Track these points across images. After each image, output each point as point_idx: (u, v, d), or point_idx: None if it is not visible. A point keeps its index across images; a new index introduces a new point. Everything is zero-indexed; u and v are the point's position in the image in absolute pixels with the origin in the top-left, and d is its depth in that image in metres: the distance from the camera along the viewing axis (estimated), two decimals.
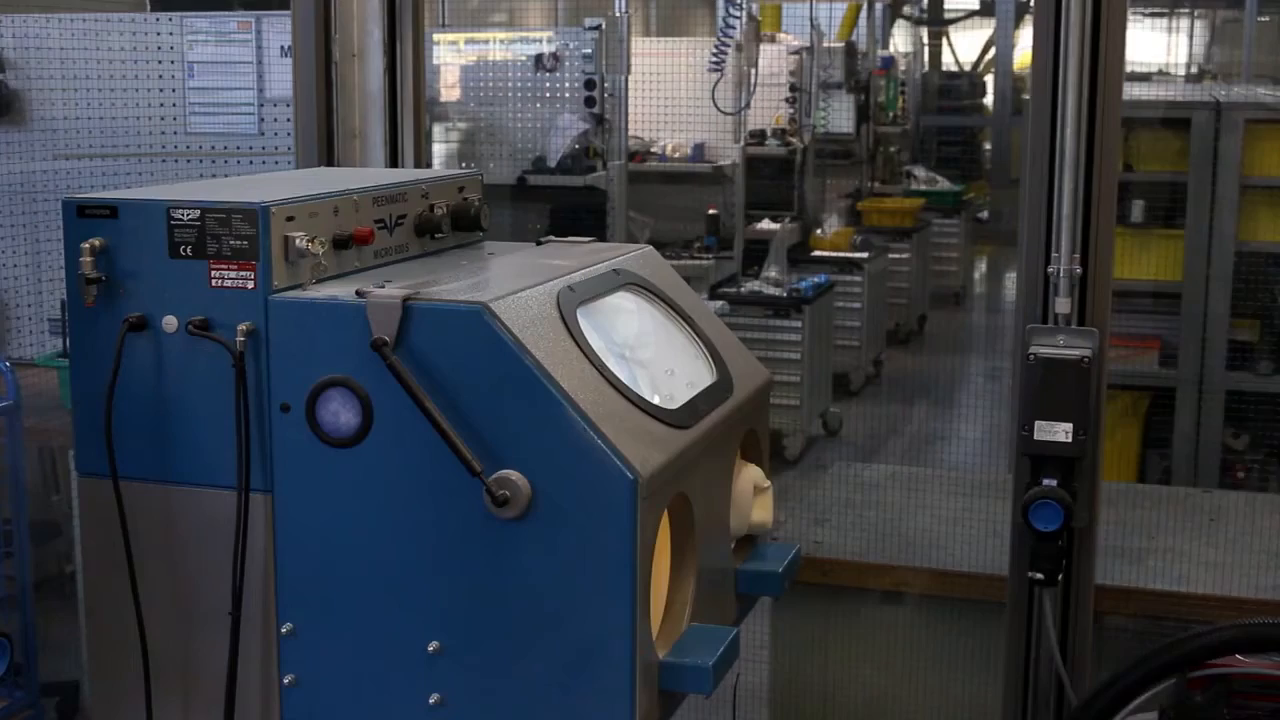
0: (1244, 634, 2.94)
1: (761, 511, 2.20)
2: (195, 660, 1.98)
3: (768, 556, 2.26)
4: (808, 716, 3.73)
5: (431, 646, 1.87)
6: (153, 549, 1.98)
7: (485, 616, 1.85)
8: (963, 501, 3.88)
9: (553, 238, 2.40)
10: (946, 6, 15.83)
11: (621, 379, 1.92)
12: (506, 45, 7.60)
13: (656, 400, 1.97)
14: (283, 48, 4.67)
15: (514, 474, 1.79)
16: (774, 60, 9.33)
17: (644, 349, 2.13)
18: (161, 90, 4.85)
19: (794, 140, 9.46)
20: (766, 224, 9.06)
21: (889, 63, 12.41)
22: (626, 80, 7.22)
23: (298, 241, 1.91)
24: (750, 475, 2.20)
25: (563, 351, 1.86)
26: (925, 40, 16.07)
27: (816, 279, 7.82)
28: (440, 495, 1.84)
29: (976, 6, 15.58)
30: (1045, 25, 2.95)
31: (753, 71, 8.43)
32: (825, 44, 10.02)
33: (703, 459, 2.01)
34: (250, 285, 1.89)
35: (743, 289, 7.63)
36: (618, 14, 7.19)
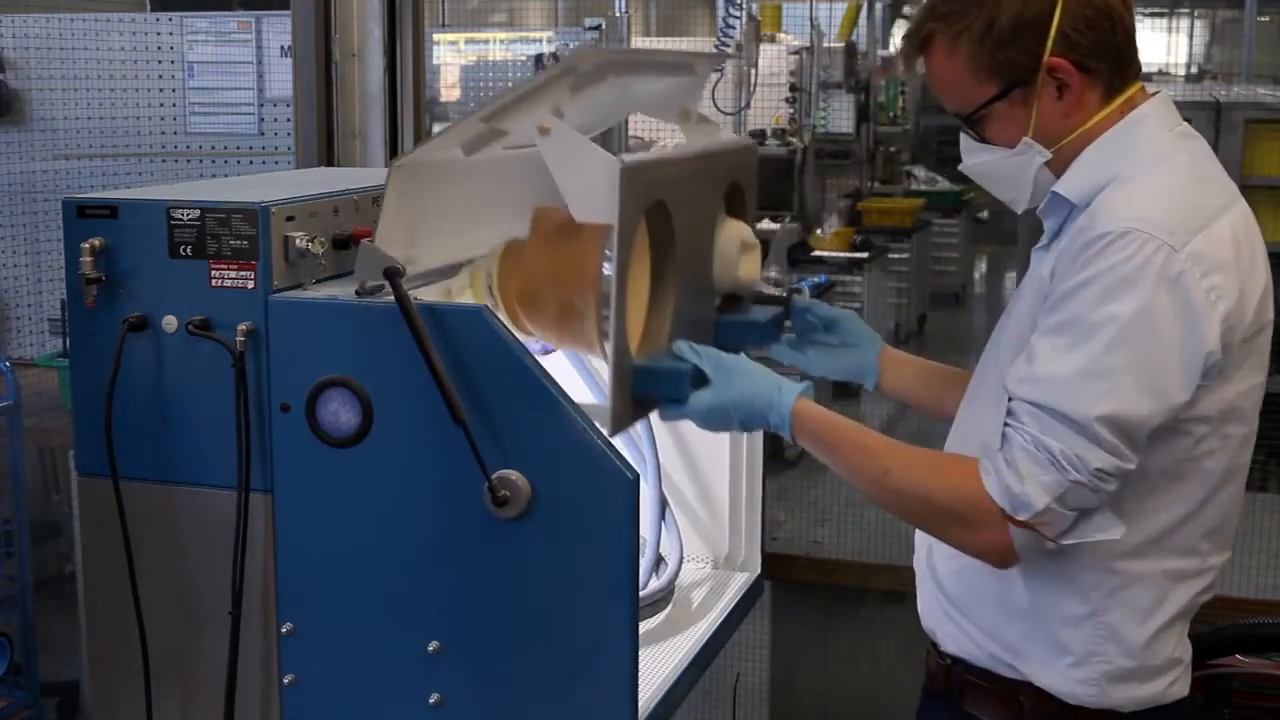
0: (1244, 634, 2.95)
1: (748, 268, 2.20)
2: (195, 660, 1.98)
3: (753, 311, 2.26)
4: (808, 716, 3.74)
5: (431, 646, 1.87)
6: (153, 549, 1.98)
7: (485, 616, 1.85)
8: None
9: None
10: None
11: None
12: (506, 45, 7.60)
13: None
14: (283, 48, 4.67)
15: (514, 474, 1.79)
16: (774, 60, 9.33)
17: None
18: (161, 90, 4.85)
19: (794, 140, 9.46)
20: (766, 224, 9.06)
21: (889, 63, 12.41)
22: None
23: (298, 241, 1.91)
24: (736, 229, 2.20)
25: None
26: None
27: (816, 279, 7.82)
28: (440, 495, 1.84)
29: None
30: None
31: (753, 71, 8.43)
32: (825, 44, 10.02)
33: (685, 182, 2.02)
34: (250, 285, 1.89)
35: None
36: (618, 14, 7.19)
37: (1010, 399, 1.81)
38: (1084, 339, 1.75)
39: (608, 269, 1.86)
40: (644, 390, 1.92)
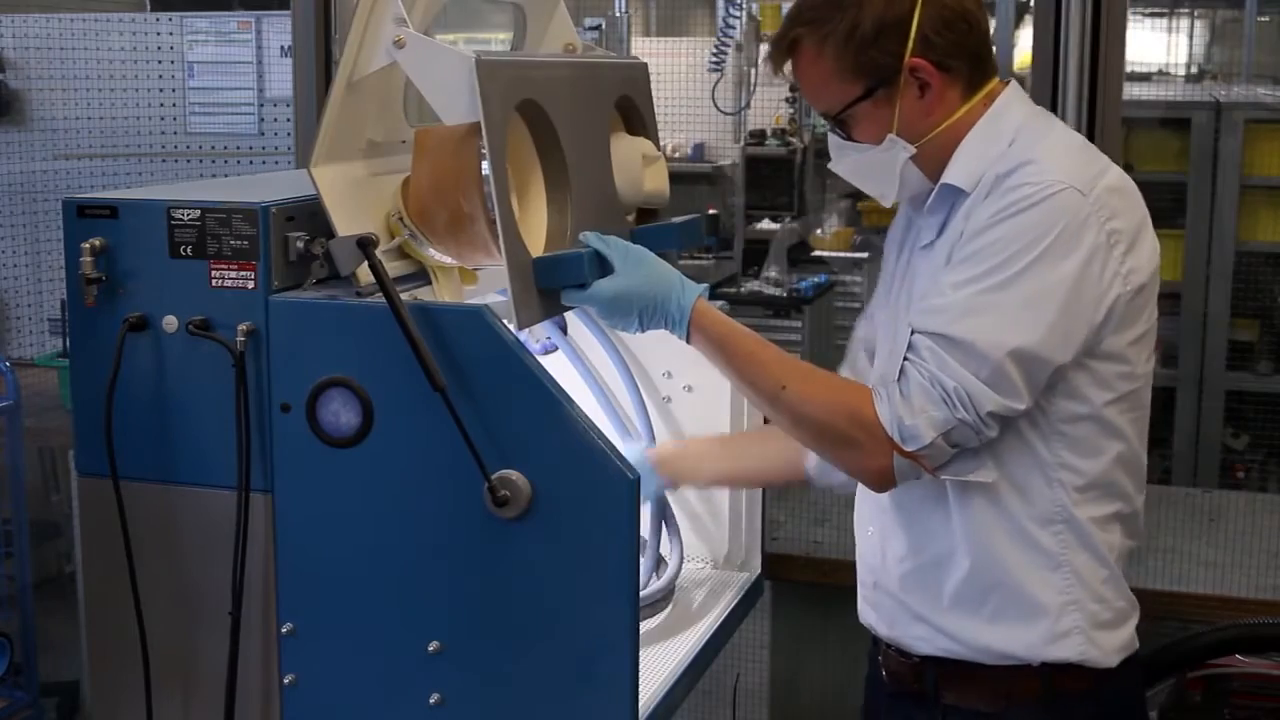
0: (1244, 634, 2.95)
1: (654, 181, 2.22)
2: (195, 660, 1.98)
3: (669, 230, 2.26)
4: (808, 716, 3.73)
5: (431, 646, 1.87)
6: (153, 549, 1.98)
7: (485, 616, 1.85)
8: None
9: None
10: None
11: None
12: (506, 45, 7.59)
13: None
14: (283, 48, 4.67)
15: (514, 474, 1.79)
16: None
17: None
18: (161, 90, 4.85)
19: (794, 140, 9.46)
20: (766, 224, 9.05)
21: None
22: None
23: (298, 241, 1.91)
24: (637, 144, 2.23)
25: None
26: None
27: (816, 279, 7.82)
28: (440, 495, 1.84)
29: None
30: (1045, 25, 2.95)
31: (753, 71, 8.42)
32: None
33: (560, 85, 2.05)
34: (250, 285, 1.89)
35: (743, 289, 7.62)
36: (618, 14, 7.19)
37: (913, 332, 1.88)
38: (993, 272, 1.84)
39: (486, 168, 1.88)
40: (547, 281, 1.93)
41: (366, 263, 1.85)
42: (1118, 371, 1.93)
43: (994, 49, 2.04)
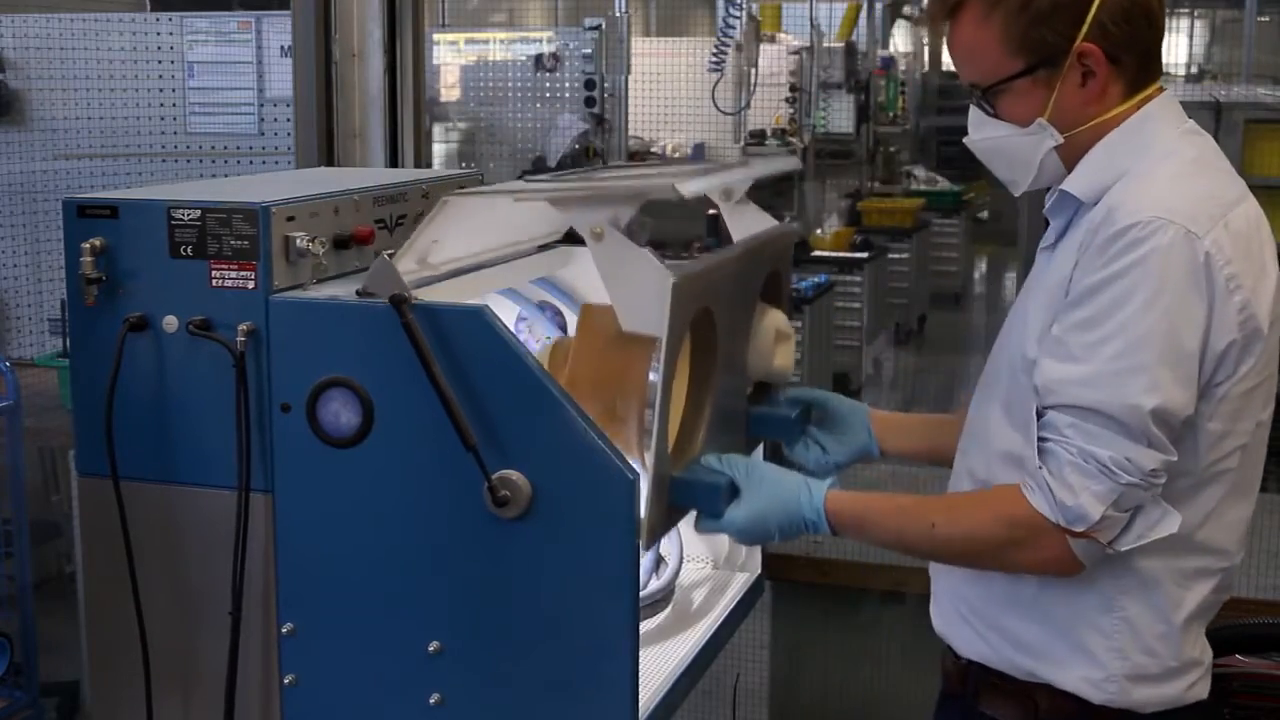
0: (1244, 634, 2.94)
1: (782, 358, 2.20)
2: (195, 660, 1.98)
3: (782, 403, 2.25)
4: (807, 716, 3.74)
5: (431, 646, 1.87)
6: (153, 549, 1.98)
7: (485, 616, 1.85)
8: None
9: None
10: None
11: None
12: (506, 45, 7.60)
13: None
14: (283, 48, 4.67)
15: (514, 474, 1.79)
16: (774, 60, 9.34)
17: None
18: (161, 90, 4.85)
19: (794, 140, 9.47)
20: None
21: (889, 63, 12.42)
22: (626, 80, 7.22)
23: (298, 241, 1.91)
24: (774, 319, 2.19)
25: None
26: (925, 40, 16.08)
27: (816, 279, 7.82)
28: (440, 495, 1.84)
29: None
30: None
31: (753, 71, 8.43)
32: (825, 44, 10.02)
33: (729, 283, 2.01)
34: (251, 285, 1.89)
35: None
36: (618, 14, 7.19)
37: (1043, 410, 1.81)
38: (1117, 333, 1.75)
39: (653, 376, 1.86)
40: (681, 502, 1.93)
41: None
42: (1225, 425, 1.84)
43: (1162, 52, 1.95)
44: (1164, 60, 1.98)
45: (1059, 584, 1.88)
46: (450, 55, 7.61)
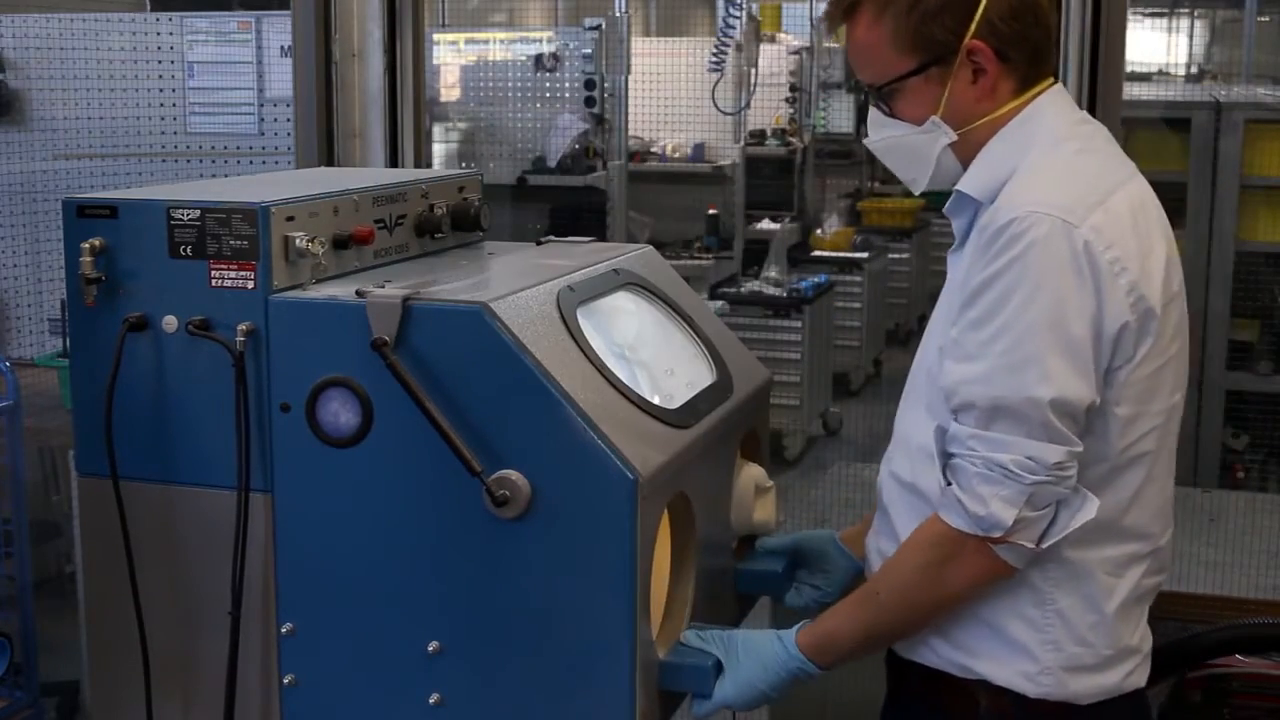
0: (1244, 634, 2.94)
1: (763, 511, 2.20)
2: (195, 660, 1.98)
3: (769, 557, 2.26)
4: (808, 716, 3.73)
5: (431, 646, 1.87)
6: (153, 549, 1.98)
7: (485, 616, 1.85)
8: None
9: (553, 238, 2.40)
10: None
11: (621, 379, 1.92)
12: (506, 45, 7.60)
13: (656, 400, 1.97)
14: (283, 48, 4.67)
15: (514, 474, 1.79)
16: (774, 60, 9.34)
17: (644, 349, 2.13)
18: (161, 90, 4.85)
19: (794, 140, 9.46)
20: (766, 224, 9.06)
21: None
22: (626, 80, 7.22)
23: (298, 241, 1.91)
24: (751, 475, 2.20)
25: (563, 351, 1.87)
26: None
27: (816, 279, 7.82)
28: (440, 495, 1.84)
29: None
30: None
31: (753, 71, 8.43)
32: (825, 44, 10.02)
33: (703, 458, 2.01)
34: (250, 285, 1.89)
35: (743, 289, 7.62)
36: (618, 14, 7.19)
37: (951, 423, 1.83)
38: (1005, 328, 1.78)
39: None
40: (671, 684, 1.93)
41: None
42: (1130, 409, 1.85)
43: (1054, 50, 1.99)
44: (1164, 60, 2.00)
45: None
46: (450, 55, 7.61)
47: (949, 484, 1.83)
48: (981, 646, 1.92)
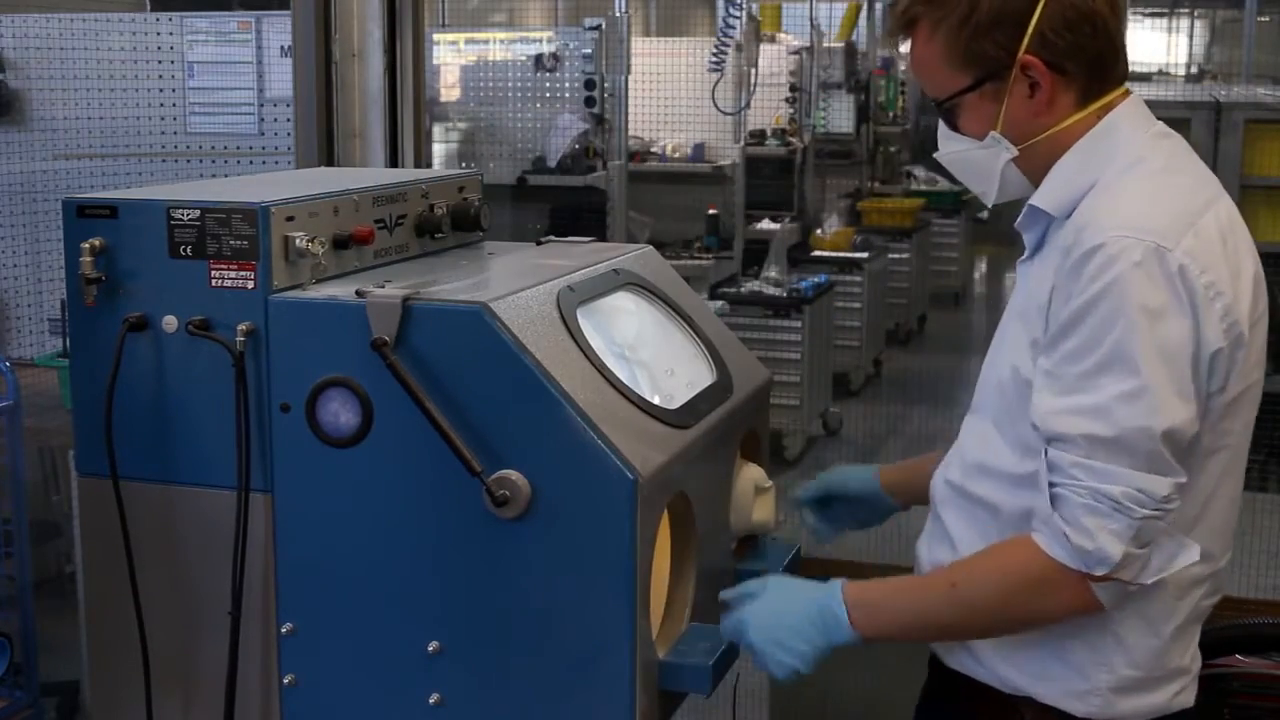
0: (1244, 634, 2.94)
1: (762, 511, 2.20)
2: (195, 660, 1.98)
3: (768, 556, 2.26)
4: (808, 716, 3.73)
5: (431, 646, 1.87)
6: (153, 549, 1.98)
7: (485, 616, 1.85)
8: None
9: (552, 238, 2.40)
10: None
11: (621, 379, 1.92)
12: (506, 45, 7.60)
13: (656, 400, 1.97)
14: (283, 48, 4.66)
15: (514, 474, 1.79)
16: (774, 60, 9.34)
17: (644, 349, 2.13)
18: (161, 90, 4.84)
19: (794, 140, 9.46)
20: (766, 224, 9.06)
21: (889, 63, 12.41)
22: (626, 80, 7.21)
23: (298, 241, 1.91)
24: (751, 475, 2.20)
25: (563, 351, 1.87)
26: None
27: (816, 279, 7.81)
28: (440, 495, 1.84)
29: None
30: None
31: (753, 71, 8.42)
32: (825, 44, 10.02)
33: (702, 459, 2.01)
34: (250, 285, 1.89)
35: (743, 289, 7.62)
36: (618, 14, 7.18)
37: (1048, 451, 1.77)
38: (1111, 359, 1.72)
39: None
40: (671, 686, 1.92)
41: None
42: (1215, 435, 1.82)
43: (1125, 58, 1.93)
44: (1164, 60, 1.99)
45: None
46: (450, 55, 7.61)
47: (1053, 514, 1.76)
48: (1035, 665, 1.89)
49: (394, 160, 3.29)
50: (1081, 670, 1.87)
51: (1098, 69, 1.88)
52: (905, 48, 1.95)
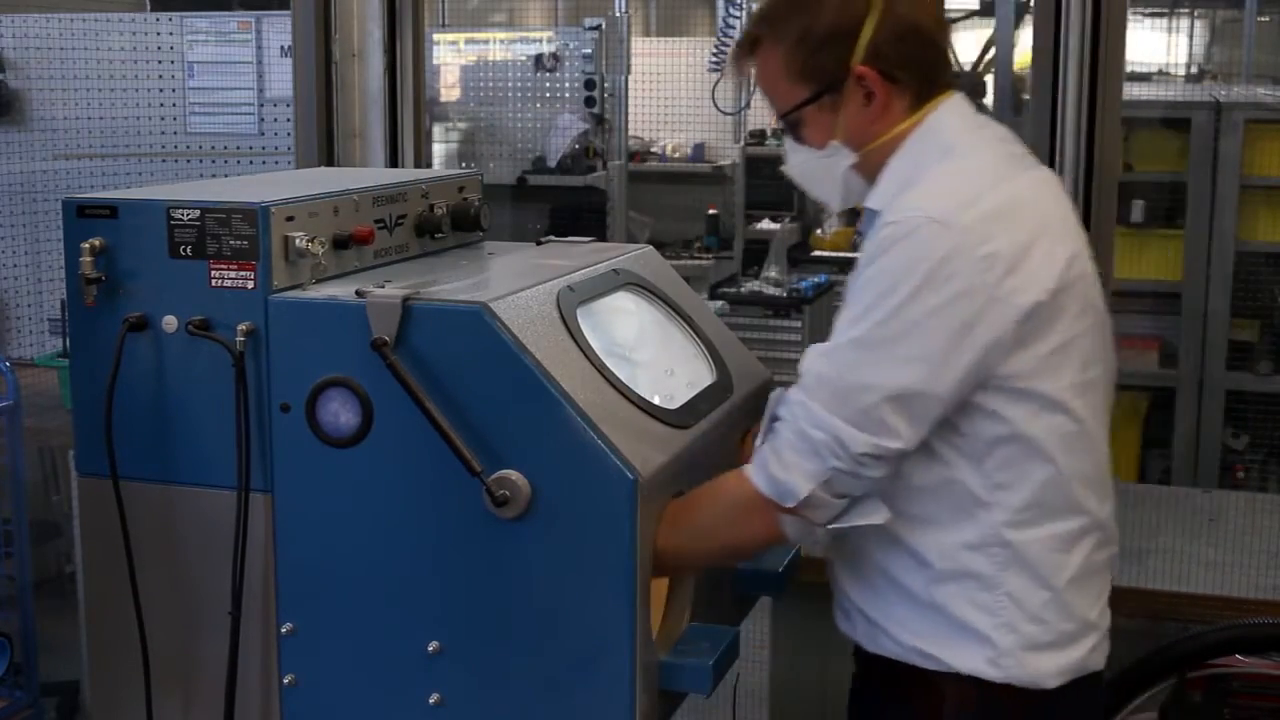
0: (1244, 634, 2.95)
1: None
2: (195, 660, 1.98)
3: (767, 556, 2.26)
4: (807, 716, 3.73)
5: (431, 646, 1.87)
6: (153, 549, 1.98)
7: (485, 616, 1.85)
8: None
9: (553, 238, 2.41)
10: (946, 6, 15.81)
11: (621, 379, 1.92)
12: (506, 45, 7.59)
13: (656, 400, 1.98)
14: (283, 48, 4.66)
15: (514, 474, 1.79)
16: None
17: (644, 349, 2.13)
18: (161, 90, 4.84)
19: None
20: (766, 224, 9.05)
21: None
22: (626, 80, 7.21)
23: (298, 241, 1.91)
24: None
25: (563, 351, 1.87)
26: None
27: (816, 279, 7.80)
28: (440, 495, 1.84)
29: (976, 6, 15.58)
30: (1045, 25, 2.95)
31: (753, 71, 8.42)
32: None
33: (703, 458, 2.01)
34: (250, 285, 1.89)
35: (743, 289, 7.60)
36: (618, 14, 7.18)
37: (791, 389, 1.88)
38: (862, 317, 1.83)
39: None
40: (671, 686, 1.93)
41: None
42: (1037, 389, 1.87)
43: (951, 64, 2.06)
44: (1164, 60, 2.01)
45: (939, 572, 1.92)
46: (450, 55, 7.60)
47: (763, 444, 1.87)
48: (939, 635, 1.93)
49: (394, 160, 3.29)
50: (987, 637, 1.91)
51: (928, 76, 1.99)
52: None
